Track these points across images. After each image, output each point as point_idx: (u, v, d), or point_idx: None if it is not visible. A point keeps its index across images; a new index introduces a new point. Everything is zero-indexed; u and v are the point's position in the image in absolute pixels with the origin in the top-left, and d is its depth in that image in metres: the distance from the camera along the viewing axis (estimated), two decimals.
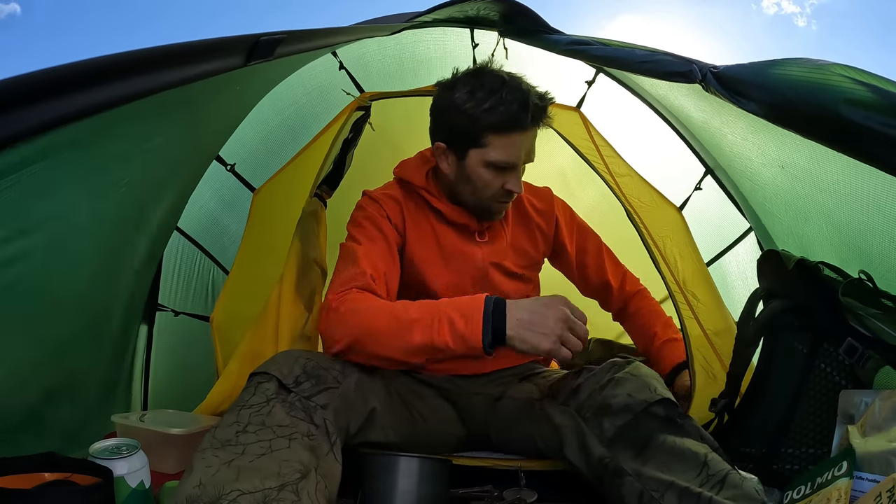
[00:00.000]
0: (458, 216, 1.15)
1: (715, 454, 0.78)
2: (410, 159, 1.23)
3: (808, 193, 1.04)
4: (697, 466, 0.75)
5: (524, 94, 1.03)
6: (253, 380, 0.86)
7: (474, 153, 1.07)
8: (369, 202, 1.16)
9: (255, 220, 1.54)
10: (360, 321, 0.92)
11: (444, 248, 1.16)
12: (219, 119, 1.24)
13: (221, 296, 1.46)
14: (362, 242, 1.08)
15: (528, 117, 1.03)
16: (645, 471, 0.78)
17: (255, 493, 0.68)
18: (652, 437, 0.81)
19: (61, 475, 0.77)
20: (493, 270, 1.18)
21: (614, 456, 0.83)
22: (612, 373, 0.93)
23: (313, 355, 0.93)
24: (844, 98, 0.64)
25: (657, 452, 0.79)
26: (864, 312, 0.84)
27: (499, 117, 1.03)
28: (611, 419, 0.86)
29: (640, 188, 1.42)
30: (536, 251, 1.27)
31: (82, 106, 0.58)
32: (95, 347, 1.16)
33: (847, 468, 0.70)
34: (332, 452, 0.82)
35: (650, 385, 0.88)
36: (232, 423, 0.78)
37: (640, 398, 0.85)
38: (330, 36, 0.98)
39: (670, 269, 1.30)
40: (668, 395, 0.86)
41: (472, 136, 1.06)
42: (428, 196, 1.16)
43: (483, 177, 1.08)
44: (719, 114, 1.14)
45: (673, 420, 0.83)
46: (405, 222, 1.15)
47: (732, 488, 0.72)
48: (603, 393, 0.90)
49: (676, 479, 0.74)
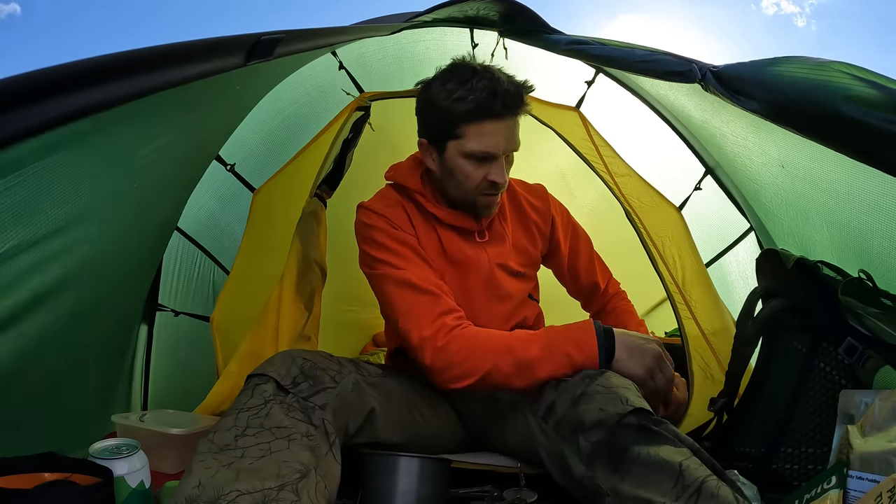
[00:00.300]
0: (454, 219, 1.15)
1: (692, 460, 0.75)
2: (402, 163, 1.23)
3: (809, 193, 1.04)
4: (673, 477, 0.73)
5: (495, 81, 1.03)
6: (251, 381, 0.86)
7: (452, 145, 1.07)
8: (377, 218, 1.12)
9: (255, 220, 1.54)
10: (481, 360, 0.97)
11: (448, 251, 1.15)
12: (219, 119, 1.24)
13: (221, 296, 1.46)
14: (403, 266, 1.07)
15: (498, 104, 1.03)
16: (623, 488, 0.77)
17: (255, 494, 0.68)
18: (627, 449, 0.79)
19: (61, 475, 0.77)
20: (498, 271, 1.18)
21: (593, 474, 0.82)
22: (584, 386, 0.91)
23: (311, 355, 0.93)
24: (845, 95, 0.63)
25: (633, 465, 0.78)
26: (863, 312, 0.84)
27: (469, 106, 1.03)
28: (585, 436, 0.85)
29: (640, 188, 1.42)
30: (535, 249, 1.28)
31: (82, 105, 0.58)
32: (96, 347, 1.16)
33: (836, 481, 0.70)
34: (331, 452, 0.82)
35: (621, 396, 0.85)
36: (230, 426, 0.77)
37: (612, 412, 0.83)
38: (330, 36, 0.98)
39: (669, 269, 1.30)
40: (641, 405, 0.84)
41: (448, 128, 1.07)
42: (423, 200, 1.15)
43: (464, 169, 1.08)
44: (719, 113, 1.14)
45: (647, 428, 0.81)
46: (415, 229, 1.15)
47: (708, 498, 0.69)
48: (577, 409, 0.88)
49: (652, 496, 0.73)
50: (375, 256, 1.10)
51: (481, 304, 1.17)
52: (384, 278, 1.07)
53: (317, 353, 0.96)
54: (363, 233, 1.13)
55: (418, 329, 1.00)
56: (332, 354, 0.99)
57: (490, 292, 1.18)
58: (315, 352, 0.96)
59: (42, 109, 0.55)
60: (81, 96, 0.57)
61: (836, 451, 0.80)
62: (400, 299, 1.05)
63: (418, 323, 1.01)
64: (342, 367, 0.95)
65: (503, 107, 1.04)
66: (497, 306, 1.19)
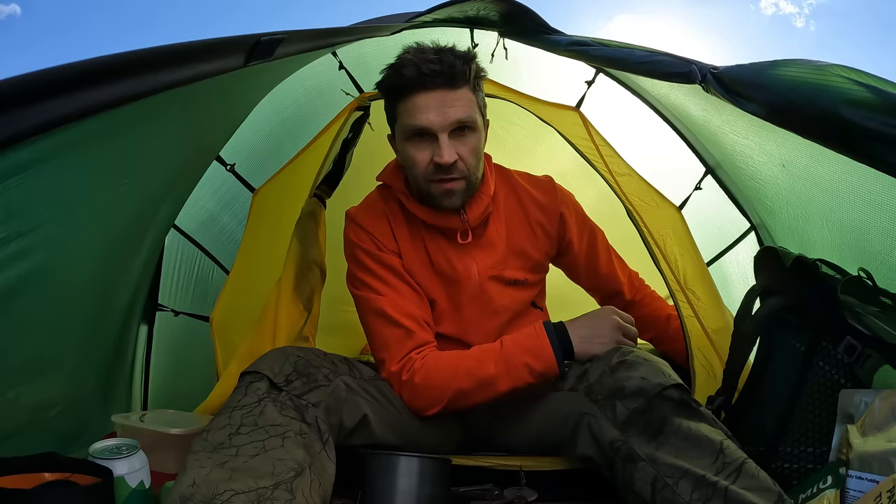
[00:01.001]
0: (436, 219, 1.09)
1: (731, 442, 0.76)
2: (390, 162, 1.19)
3: (809, 192, 1.05)
4: (714, 453, 0.74)
5: (420, 53, 1.01)
6: (244, 379, 0.86)
7: (397, 129, 1.07)
8: (362, 235, 1.11)
9: (255, 220, 1.54)
10: (442, 388, 0.98)
11: (436, 261, 1.12)
12: (219, 119, 1.24)
13: (221, 296, 1.46)
14: (384, 293, 1.06)
15: (418, 74, 0.98)
16: (659, 456, 0.77)
17: (250, 493, 0.68)
18: (666, 421, 0.80)
19: (61, 475, 0.77)
20: (489, 285, 1.12)
21: (627, 440, 0.82)
22: (622, 356, 0.92)
23: (304, 352, 0.93)
24: (844, 99, 0.64)
25: (672, 437, 0.78)
26: (862, 310, 0.84)
27: (394, 80, 1.02)
28: (624, 402, 0.85)
29: (641, 187, 1.41)
30: (538, 251, 1.19)
31: (83, 106, 0.58)
32: (95, 347, 1.16)
33: (833, 481, 0.71)
34: (324, 450, 0.82)
35: (663, 370, 0.87)
36: (224, 425, 0.77)
37: (654, 381, 0.84)
38: (330, 36, 0.98)
39: (671, 267, 1.30)
40: (680, 382, 0.85)
41: (389, 111, 1.07)
42: (405, 200, 1.11)
43: (409, 152, 1.04)
44: (720, 113, 1.14)
45: (688, 404, 0.82)
46: (397, 239, 1.12)
47: (749, 478, 0.70)
48: (615, 375, 0.89)
49: (692, 466, 0.73)
50: (359, 277, 1.10)
51: (472, 319, 1.13)
52: (364, 302, 1.08)
53: (310, 350, 0.96)
54: (349, 250, 1.13)
55: (388, 362, 1.02)
56: (326, 352, 0.99)
57: (482, 307, 1.12)
58: (308, 349, 0.96)
59: (43, 110, 0.55)
60: (82, 97, 0.57)
61: (836, 451, 0.80)
62: (376, 329, 1.06)
63: (389, 355, 1.02)
64: (335, 365, 0.95)
65: (426, 75, 0.97)
66: (489, 321, 1.13)
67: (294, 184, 1.51)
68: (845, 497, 0.71)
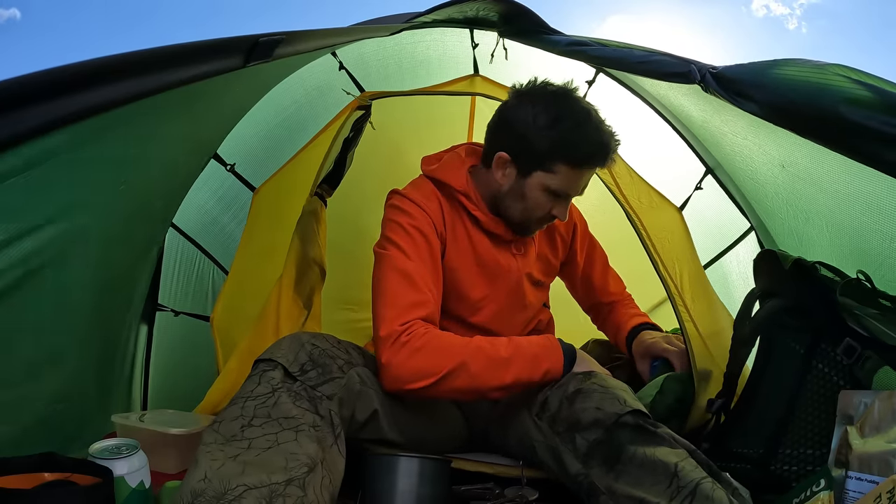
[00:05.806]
0: (495, 227, 1.13)
1: (687, 462, 0.76)
2: (445, 158, 1.17)
3: (809, 193, 1.05)
4: (668, 478, 0.74)
5: (607, 135, 1.04)
6: (258, 367, 0.84)
7: (539, 175, 1.06)
8: (412, 206, 1.08)
9: (255, 220, 1.54)
10: (444, 357, 0.92)
11: (480, 256, 1.14)
12: (217, 119, 1.24)
13: (221, 295, 1.46)
14: (413, 259, 1.02)
15: (605, 160, 1.05)
16: (617, 487, 0.78)
17: (262, 489, 0.67)
18: (622, 449, 0.80)
19: (61, 475, 0.77)
20: (524, 281, 1.20)
21: (588, 472, 0.83)
22: (578, 384, 0.92)
23: (319, 340, 0.91)
24: (844, 98, 0.64)
25: (628, 466, 0.79)
26: (861, 312, 0.84)
27: (580, 153, 1.03)
28: (582, 434, 0.86)
29: (640, 188, 1.41)
30: (556, 258, 1.30)
31: (82, 107, 0.58)
32: (96, 347, 1.16)
33: (825, 483, 0.71)
34: (336, 445, 0.81)
35: (618, 397, 0.86)
36: (237, 416, 0.76)
37: (609, 411, 0.84)
38: (329, 37, 0.98)
39: (668, 271, 1.30)
40: (637, 407, 0.85)
41: (544, 160, 1.04)
42: (466, 202, 1.12)
43: (538, 199, 1.08)
44: (720, 113, 1.14)
45: (644, 428, 0.82)
46: (446, 228, 1.12)
47: (703, 500, 0.70)
48: (573, 407, 0.89)
49: (647, 495, 0.74)
50: (392, 239, 1.05)
51: (505, 312, 1.18)
52: (388, 259, 1.02)
53: (324, 337, 0.93)
54: (391, 215, 1.09)
55: (392, 319, 0.94)
56: (340, 340, 0.96)
57: (515, 301, 1.19)
58: (322, 336, 0.93)
59: (42, 111, 0.55)
60: (81, 98, 0.57)
61: (835, 452, 0.80)
62: (391, 285, 0.99)
63: (395, 313, 0.95)
64: (350, 355, 0.93)
65: (604, 163, 1.06)
66: (519, 314, 1.22)
67: (294, 183, 1.51)
68: (844, 498, 0.72)
